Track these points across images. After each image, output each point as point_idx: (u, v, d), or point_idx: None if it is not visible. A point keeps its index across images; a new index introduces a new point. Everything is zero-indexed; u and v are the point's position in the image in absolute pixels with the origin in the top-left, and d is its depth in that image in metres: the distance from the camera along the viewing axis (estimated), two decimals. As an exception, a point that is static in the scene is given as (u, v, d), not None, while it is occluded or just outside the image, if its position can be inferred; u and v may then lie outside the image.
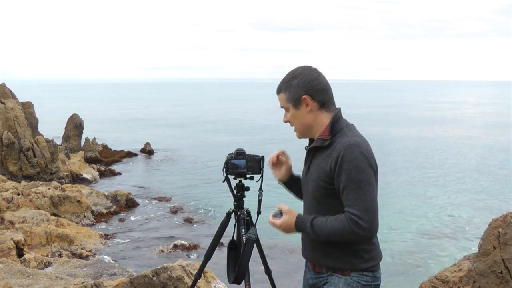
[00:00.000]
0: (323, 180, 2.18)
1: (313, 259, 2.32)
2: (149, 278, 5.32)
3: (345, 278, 2.18)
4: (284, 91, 2.29)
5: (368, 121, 38.38)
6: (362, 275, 2.19)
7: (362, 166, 2.08)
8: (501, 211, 5.80)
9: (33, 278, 5.51)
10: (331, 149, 2.17)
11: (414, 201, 14.90)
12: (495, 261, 3.86)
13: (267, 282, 2.88)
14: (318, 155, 2.25)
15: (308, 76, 2.23)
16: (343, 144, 2.12)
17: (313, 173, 2.25)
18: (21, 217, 9.49)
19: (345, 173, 2.09)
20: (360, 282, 2.18)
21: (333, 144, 2.18)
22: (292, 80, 2.26)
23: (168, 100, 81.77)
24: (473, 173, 19.40)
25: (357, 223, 2.05)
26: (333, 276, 2.22)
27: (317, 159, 2.25)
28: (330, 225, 2.12)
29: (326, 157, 2.18)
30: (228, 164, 2.65)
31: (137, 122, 41.39)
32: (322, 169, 2.19)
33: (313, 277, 2.34)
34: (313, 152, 2.29)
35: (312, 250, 2.30)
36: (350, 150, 2.09)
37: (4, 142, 16.28)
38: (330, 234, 2.12)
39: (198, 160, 22.58)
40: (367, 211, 2.06)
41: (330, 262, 2.23)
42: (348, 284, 2.18)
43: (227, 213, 2.77)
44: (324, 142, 2.20)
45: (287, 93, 2.28)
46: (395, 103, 72.86)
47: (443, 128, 36.86)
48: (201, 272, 3.01)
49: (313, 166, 2.27)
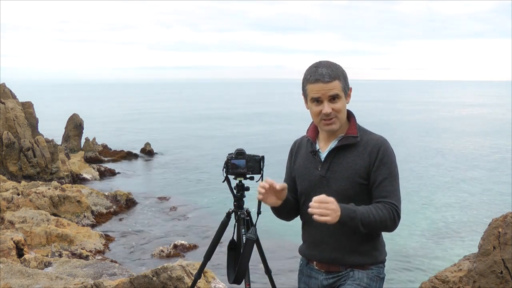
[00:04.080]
0: (360, 177, 2.21)
1: (334, 259, 2.27)
2: (149, 278, 5.32)
3: (367, 272, 2.23)
4: (340, 79, 2.23)
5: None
6: (378, 267, 2.26)
7: (395, 161, 2.25)
8: (501, 211, 5.80)
9: (33, 278, 5.51)
10: (362, 146, 2.24)
11: (414, 201, 14.90)
12: (495, 261, 3.86)
13: (267, 282, 2.88)
14: (346, 153, 2.25)
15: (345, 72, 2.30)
16: (379, 140, 2.24)
17: (344, 171, 2.23)
18: (21, 217, 9.49)
19: (385, 166, 2.20)
20: (380, 275, 2.26)
21: (362, 141, 2.25)
22: (343, 71, 2.28)
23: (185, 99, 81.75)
24: (473, 173, 19.40)
25: (397, 212, 2.17)
26: (354, 271, 2.23)
27: (345, 157, 2.25)
28: (375, 213, 2.11)
29: (359, 153, 2.23)
30: (228, 164, 2.65)
31: (137, 122, 41.41)
32: (358, 165, 2.21)
33: (328, 277, 2.30)
34: (335, 151, 2.27)
35: (333, 249, 2.27)
36: (387, 145, 2.23)
37: (4, 142, 16.29)
38: (374, 221, 2.10)
39: (198, 160, 22.58)
40: (400, 202, 2.21)
41: (355, 258, 2.24)
42: (371, 278, 2.23)
43: (227, 213, 2.77)
44: (356, 139, 2.25)
45: (343, 82, 2.24)
46: (393, 100, 72.90)
47: (442, 128, 36.87)
48: (201, 272, 3.02)
49: (339, 165, 2.25)
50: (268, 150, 2.65)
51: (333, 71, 2.22)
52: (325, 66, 2.22)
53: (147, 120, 43.05)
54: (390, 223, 2.14)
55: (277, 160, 7.50)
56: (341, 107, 2.22)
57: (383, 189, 2.18)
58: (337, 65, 2.28)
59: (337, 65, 2.28)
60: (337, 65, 2.28)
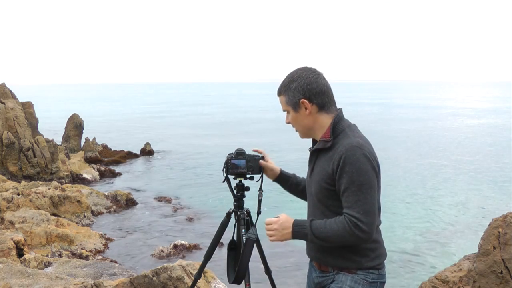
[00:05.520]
0: (326, 182, 2.19)
1: (319, 258, 2.33)
2: (149, 278, 5.32)
3: (352, 276, 2.21)
4: (284, 94, 2.30)
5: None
6: (368, 272, 2.22)
7: (364, 169, 2.08)
8: (501, 211, 5.80)
9: (33, 278, 5.51)
10: (333, 150, 2.18)
11: (414, 201, 14.91)
12: (495, 261, 3.86)
13: (267, 282, 2.88)
14: (321, 156, 2.26)
15: (307, 79, 2.23)
16: (345, 146, 2.12)
17: (316, 175, 2.26)
18: (21, 217, 9.49)
19: (347, 175, 2.09)
20: (367, 279, 2.21)
21: (335, 146, 2.18)
22: (291, 83, 2.26)
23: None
24: (473, 172, 19.40)
25: (357, 225, 2.06)
26: (339, 274, 2.24)
27: (320, 161, 2.26)
28: (329, 227, 2.12)
29: (328, 158, 2.19)
30: (228, 164, 2.65)
31: (137, 122, 41.43)
32: (324, 170, 2.20)
33: (318, 275, 2.36)
34: (316, 154, 2.30)
35: (317, 249, 2.31)
36: (352, 152, 2.09)
37: (4, 142, 16.28)
38: (330, 236, 2.12)
39: (198, 160, 22.58)
40: (367, 213, 2.07)
41: (336, 261, 2.24)
42: (355, 282, 2.20)
43: (227, 213, 2.78)
44: (326, 144, 2.21)
45: (286, 97, 2.29)
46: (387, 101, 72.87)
47: (443, 127, 36.87)
48: (201, 272, 3.02)
49: (316, 168, 2.29)
50: (268, 151, 2.65)
51: (280, 86, 2.31)
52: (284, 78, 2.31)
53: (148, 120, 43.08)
54: (348, 236, 2.08)
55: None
56: (291, 121, 2.32)
57: (345, 199, 2.11)
58: (291, 76, 2.27)
59: (291, 76, 2.27)
60: (291, 76, 2.27)
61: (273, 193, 11.33)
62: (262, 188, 2.59)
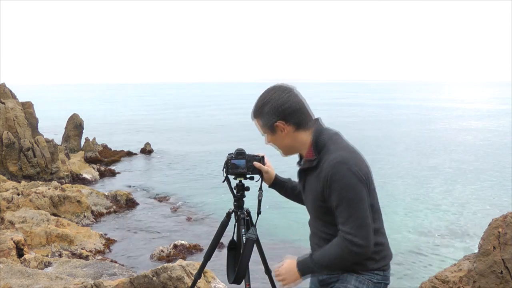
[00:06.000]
0: (319, 200, 2.20)
1: None
2: (149, 278, 5.32)
3: (357, 275, 2.22)
4: (258, 118, 2.28)
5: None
6: (373, 273, 2.23)
7: (351, 184, 2.06)
8: (501, 211, 5.80)
9: (33, 278, 5.51)
10: (320, 168, 2.16)
11: (413, 201, 14.91)
12: (495, 261, 3.86)
13: (267, 282, 2.88)
14: (309, 175, 2.26)
15: (279, 101, 2.19)
16: (330, 163, 2.10)
17: (309, 194, 2.28)
18: (21, 217, 9.49)
19: (335, 192, 2.08)
20: (372, 280, 2.23)
21: (321, 163, 2.16)
22: (264, 106, 2.22)
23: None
24: (473, 172, 19.40)
25: (352, 241, 2.07)
26: (344, 274, 2.25)
27: (309, 180, 2.26)
28: (328, 253, 2.15)
29: (316, 177, 2.18)
30: (228, 164, 2.64)
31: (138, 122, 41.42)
32: (315, 190, 2.20)
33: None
34: (304, 173, 2.30)
35: (318, 248, 2.32)
36: (336, 169, 2.07)
37: (4, 142, 16.28)
38: (332, 262, 2.15)
39: (198, 160, 22.58)
40: (360, 227, 2.07)
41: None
42: (360, 281, 2.21)
43: (227, 213, 2.77)
44: (312, 163, 2.20)
45: (261, 120, 2.27)
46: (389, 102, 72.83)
47: (443, 128, 36.87)
48: (201, 272, 3.02)
49: (307, 186, 2.30)
50: (268, 151, 2.63)
51: (253, 109, 2.28)
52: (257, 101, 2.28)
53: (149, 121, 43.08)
54: (348, 256, 2.10)
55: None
56: (270, 142, 2.31)
57: (338, 215, 2.11)
58: (263, 98, 2.24)
59: (263, 98, 2.24)
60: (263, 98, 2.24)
61: (273, 193, 11.28)
62: (262, 188, 2.59)
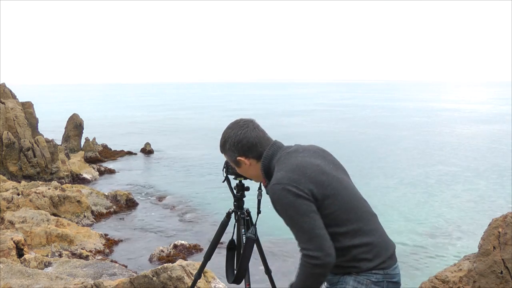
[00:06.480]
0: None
1: None
2: (149, 278, 5.32)
3: (355, 276, 2.23)
4: (224, 154, 2.42)
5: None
6: (371, 273, 2.23)
7: (287, 203, 2.10)
8: (501, 211, 5.80)
9: (33, 278, 5.51)
10: None
11: (413, 201, 14.91)
12: (495, 261, 3.86)
13: (267, 282, 2.89)
14: None
15: (235, 138, 2.30)
16: (269, 188, 2.19)
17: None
18: (21, 217, 9.49)
19: (280, 214, 2.17)
20: (370, 278, 2.22)
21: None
22: (224, 144, 2.36)
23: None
24: (473, 172, 19.39)
25: (308, 255, 2.09)
26: (343, 276, 2.26)
27: None
28: (299, 275, 2.18)
29: None
30: (228, 164, 2.65)
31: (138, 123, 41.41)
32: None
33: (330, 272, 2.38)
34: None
35: None
36: (272, 192, 2.15)
37: (4, 142, 16.28)
38: (304, 280, 2.15)
39: (199, 160, 22.58)
40: (310, 240, 2.09)
41: (338, 270, 2.26)
42: (358, 282, 2.22)
43: (227, 213, 2.78)
44: (268, 191, 2.28)
45: (226, 156, 2.40)
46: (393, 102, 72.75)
47: (443, 128, 36.86)
48: (201, 272, 3.02)
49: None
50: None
51: (220, 146, 2.40)
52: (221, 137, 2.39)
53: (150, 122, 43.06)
54: (312, 271, 2.11)
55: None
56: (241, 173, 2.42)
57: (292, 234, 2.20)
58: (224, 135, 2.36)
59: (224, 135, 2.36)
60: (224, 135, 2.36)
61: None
62: (262, 188, 2.59)
